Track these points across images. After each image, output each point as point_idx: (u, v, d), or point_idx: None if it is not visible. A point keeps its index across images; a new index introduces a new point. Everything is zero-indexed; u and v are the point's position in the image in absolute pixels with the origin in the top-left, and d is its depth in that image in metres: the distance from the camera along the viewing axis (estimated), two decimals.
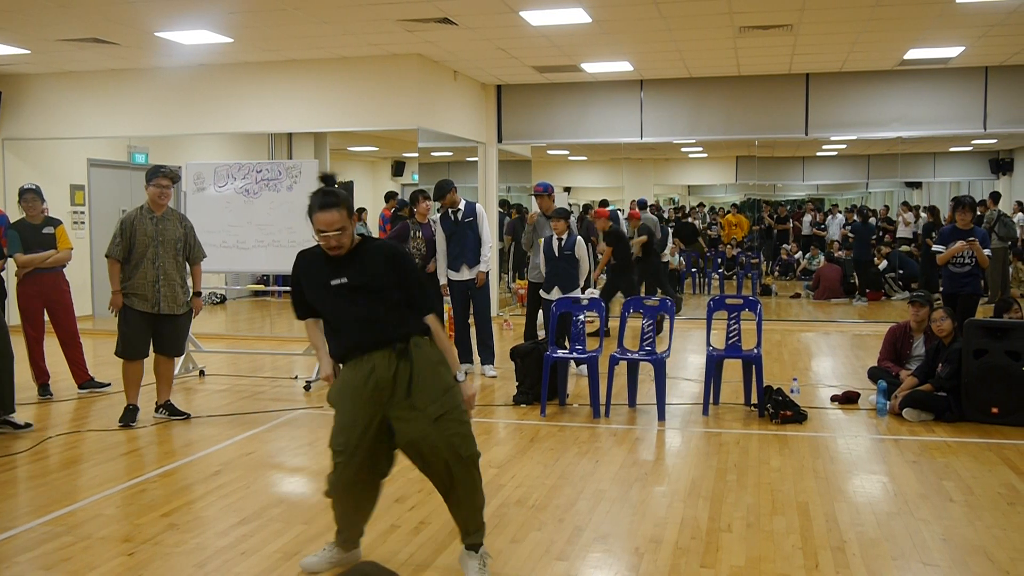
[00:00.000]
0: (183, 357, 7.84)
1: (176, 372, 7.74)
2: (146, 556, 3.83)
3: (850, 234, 14.55)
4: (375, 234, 14.55)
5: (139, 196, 6.37)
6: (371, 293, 3.44)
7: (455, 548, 3.81)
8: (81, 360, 7.38)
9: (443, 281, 7.96)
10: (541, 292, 7.90)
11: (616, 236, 10.16)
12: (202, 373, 8.08)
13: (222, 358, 8.98)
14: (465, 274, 7.89)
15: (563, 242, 7.68)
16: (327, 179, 3.48)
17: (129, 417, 6.20)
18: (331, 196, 3.37)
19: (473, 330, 8.06)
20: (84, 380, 7.36)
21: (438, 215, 8.04)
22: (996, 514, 4.33)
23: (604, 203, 13.46)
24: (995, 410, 6.13)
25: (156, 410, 6.50)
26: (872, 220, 16.00)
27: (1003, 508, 4.42)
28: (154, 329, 6.25)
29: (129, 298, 6.12)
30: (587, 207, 13.19)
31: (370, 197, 18.39)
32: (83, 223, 11.65)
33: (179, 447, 5.67)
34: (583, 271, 7.79)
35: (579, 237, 7.79)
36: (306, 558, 3.73)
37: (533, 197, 8.73)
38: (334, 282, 3.44)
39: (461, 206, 7.84)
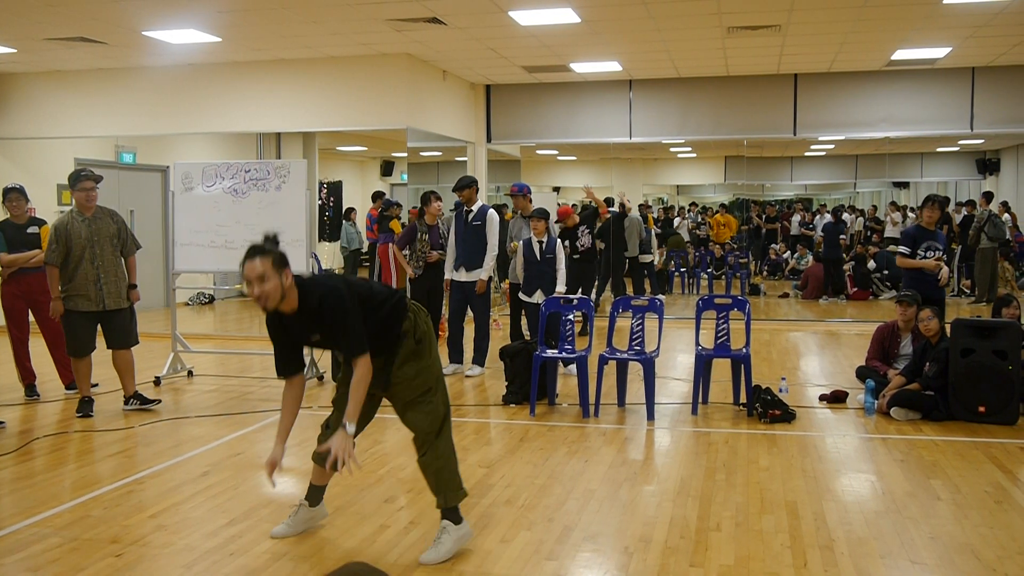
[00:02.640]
0: (171, 357, 7.84)
1: (164, 372, 7.74)
2: (134, 557, 3.81)
3: (820, 233, 14.63)
4: (363, 233, 14.51)
5: (128, 196, 6.47)
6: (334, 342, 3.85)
7: None
8: (67, 360, 7.32)
9: (447, 276, 7.97)
10: (521, 295, 7.84)
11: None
12: (190, 373, 8.04)
13: (210, 358, 8.94)
14: (463, 275, 7.88)
15: (544, 245, 7.66)
16: (267, 239, 3.53)
17: (87, 408, 6.48)
18: (257, 247, 3.47)
19: (470, 330, 8.06)
20: (71, 380, 7.31)
21: (452, 211, 8.07)
22: (983, 512, 4.35)
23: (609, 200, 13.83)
24: (982, 409, 6.16)
25: (126, 402, 6.64)
26: (845, 217, 16.03)
27: (990, 506, 4.44)
28: (103, 325, 6.52)
29: (73, 300, 6.39)
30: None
31: (359, 197, 18.37)
32: None
33: (167, 448, 5.64)
34: (560, 273, 7.74)
35: (557, 239, 7.78)
36: (276, 527, 4.08)
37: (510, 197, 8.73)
38: (314, 339, 3.77)
39: (475, 207, 7.84)
